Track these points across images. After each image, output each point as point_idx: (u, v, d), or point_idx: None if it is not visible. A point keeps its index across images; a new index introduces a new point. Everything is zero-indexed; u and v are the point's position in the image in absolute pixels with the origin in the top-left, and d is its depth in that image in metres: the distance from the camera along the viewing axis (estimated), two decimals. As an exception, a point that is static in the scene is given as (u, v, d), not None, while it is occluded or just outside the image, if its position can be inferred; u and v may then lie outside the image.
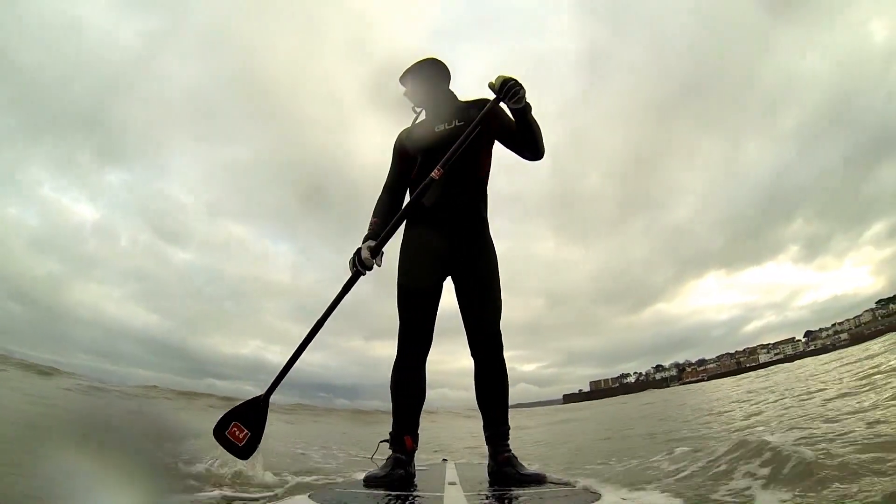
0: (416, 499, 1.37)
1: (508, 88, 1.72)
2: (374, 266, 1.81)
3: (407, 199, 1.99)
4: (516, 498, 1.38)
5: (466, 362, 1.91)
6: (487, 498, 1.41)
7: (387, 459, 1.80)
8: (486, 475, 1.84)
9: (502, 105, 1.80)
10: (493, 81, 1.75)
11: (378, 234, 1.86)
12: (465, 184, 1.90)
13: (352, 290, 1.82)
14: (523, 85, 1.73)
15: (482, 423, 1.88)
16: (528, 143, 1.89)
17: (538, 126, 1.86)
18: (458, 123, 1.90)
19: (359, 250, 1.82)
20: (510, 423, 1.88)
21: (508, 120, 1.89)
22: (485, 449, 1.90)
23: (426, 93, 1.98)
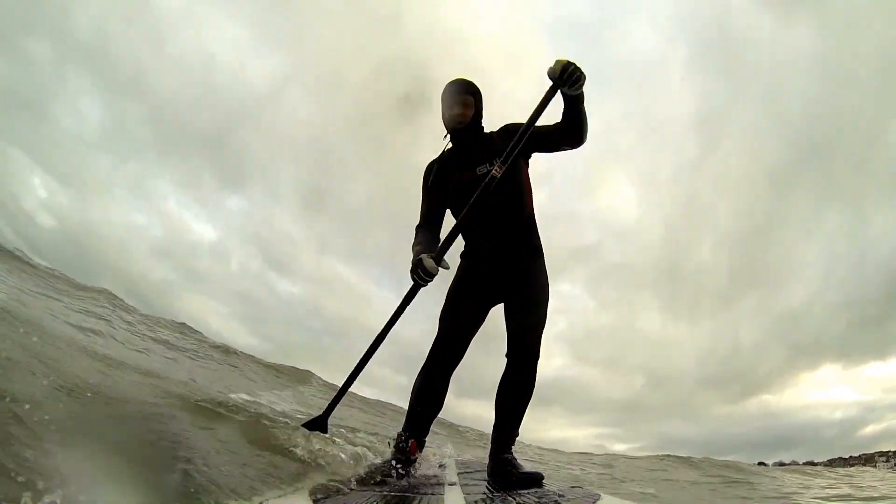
0: (416, 499, 1.38)
1: (570, 74, 1.63)
2: (440, 271, 1.76)
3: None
4: (516, 498, 1.39)
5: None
6: (487, 498, 1.41)
7: (389, 459, 1.81)
8: (486, 475, 1.85)
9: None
10: (553, 67, 1.65)
11: (431, 248, 1.81)
12: (515, 227, 1.87)
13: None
14: (583, 71, 1.65)
15: (493, 423, 1.88)
16: (575, 131, 1.82)
17: (586, 114, 1.80)
18: (498, 161, 1.80)
19: (420, 260, 1.74)
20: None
21: (541, 136, 1.84)
22: (485, 451, 1.91)
23: (463, 127, 1.91)
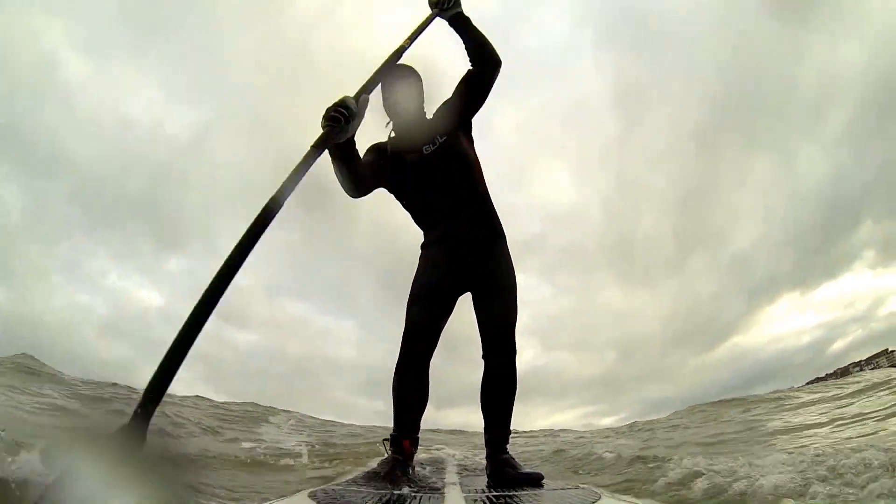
0: (416, 499, 1.38)
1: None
2: (361, 111, 1.47)
3: (410, 222, 1.96)
4: (515, 498, 1.39)
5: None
6: (487, 498, 1.41)
7: (385, 459, 1.80)
8: (486, 475, 1.85)
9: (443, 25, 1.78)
10: None
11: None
12: (470, 207, 1.85)
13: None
14: None
15: (483, 426, 1.86)
16: (478, 52, 1.83)
17: (483, 34, 1.82)
18: (440, 140, 1.84)
19: (341, 101, 1.41)
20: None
21: (461, 88, 1.87)
22: (484, 450, 1.91)
23: (408, 112, 1.87)
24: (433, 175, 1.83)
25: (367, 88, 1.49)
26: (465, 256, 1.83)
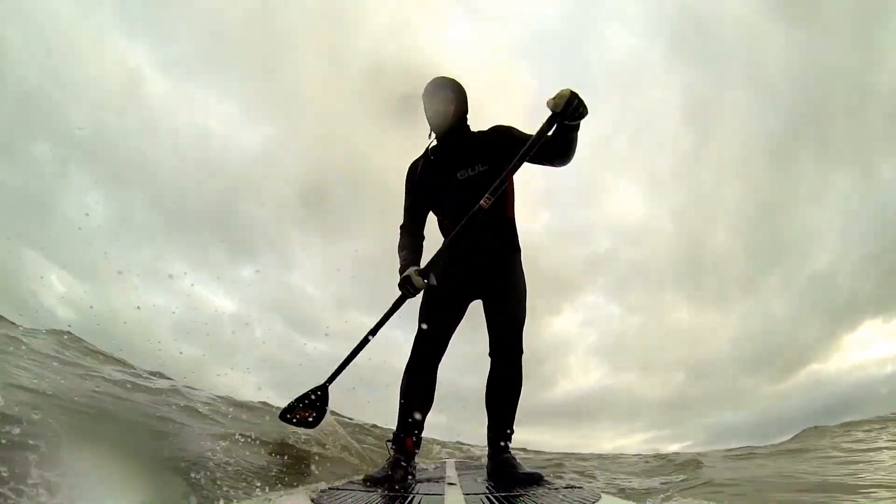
0: (416, 499, 1.38)
1: (574, 108, 1.58)
2: (425, 285, 1.81)
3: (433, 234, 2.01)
4: (515, 498, 1.39)
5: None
6: (487, 498, 1.42)
7: (387, 459, 1.82)
8: (486, 475, 1.85)
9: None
10: (555, 99, 1.58)
11: (415, 260, 1.90)
12: (496, 228, 1.89)
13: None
14: (586, 105, 1.60)
15: (487, 425, 1.88)
16: (565, 155, 1.80)
17: (578, 138, 1.77)
18: (481, 168, 1.84)
19: (408, 277, 1.80)
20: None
21: (522, 137, 1.79)
22: (485, 450, 1.91)
23: (445, 125, 1.88)
24: (462, 199, 1.82)
25: (432, 266, 1.80)
26: (477, 265, 1.89)
